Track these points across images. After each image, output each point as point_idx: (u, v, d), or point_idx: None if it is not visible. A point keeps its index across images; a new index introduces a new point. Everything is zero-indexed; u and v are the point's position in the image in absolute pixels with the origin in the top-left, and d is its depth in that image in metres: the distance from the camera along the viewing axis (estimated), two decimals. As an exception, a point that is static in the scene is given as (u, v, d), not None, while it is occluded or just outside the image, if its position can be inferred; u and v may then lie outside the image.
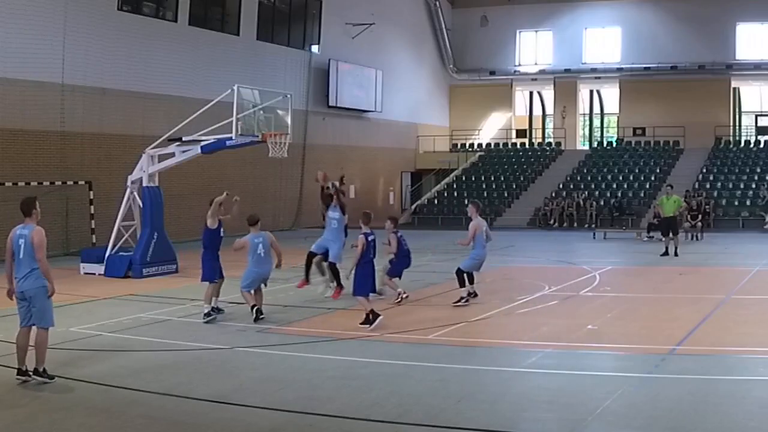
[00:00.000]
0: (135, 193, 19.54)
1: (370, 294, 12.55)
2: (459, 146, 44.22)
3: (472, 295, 14.21)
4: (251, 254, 12.75)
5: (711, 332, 11.57)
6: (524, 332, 12.12)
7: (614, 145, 41.39)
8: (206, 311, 12.79)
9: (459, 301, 13.91)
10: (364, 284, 12.16)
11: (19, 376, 8.96)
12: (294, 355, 10.55)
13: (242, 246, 12.85)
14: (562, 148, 41.96)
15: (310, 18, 35.06)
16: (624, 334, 11.53)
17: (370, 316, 11.96)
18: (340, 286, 14.44)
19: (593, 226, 31.72)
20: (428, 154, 43.25)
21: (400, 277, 14.72)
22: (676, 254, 21.60)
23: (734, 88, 40.50)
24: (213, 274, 13.06)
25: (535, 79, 43.66)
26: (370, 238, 12.27)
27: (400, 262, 14.62)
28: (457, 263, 14.55)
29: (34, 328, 9.13)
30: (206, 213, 13.41)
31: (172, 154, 19.34)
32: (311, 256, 15.03)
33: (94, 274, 18.93)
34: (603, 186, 36.59)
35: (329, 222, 14.88)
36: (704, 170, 36.38)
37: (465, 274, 14.11)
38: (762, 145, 38.33)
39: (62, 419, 7.86)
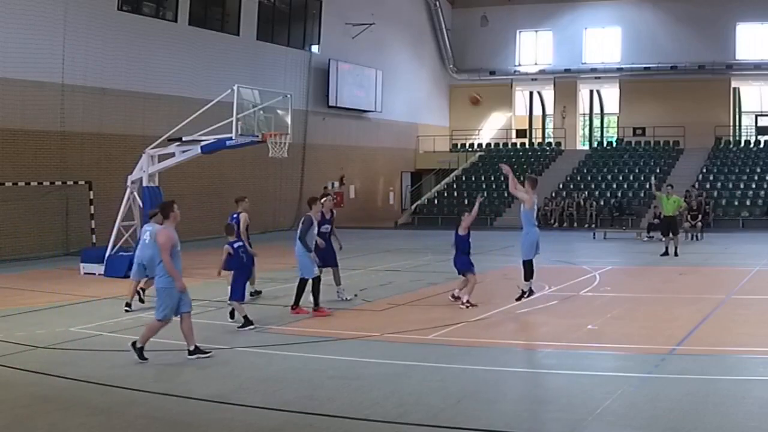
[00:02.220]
0: (135, 193, 19.53)
1: None
2: (459, 146, 44.21)
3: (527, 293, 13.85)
4: (139, 240, 13.73)
5: (711, 332, 11.56)
6: (524, 332, 12.12)
7: (614, 145, 41.37)
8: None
9: (521, 297, 13.67)
10: (237, 289, 12.57)
11: (189, 356, 10.20)
12: (294, 355, 10.55)
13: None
14: (562, 148, 41.94)
15: (310, 18, 35.06)
16: (624, 334, 11.51)
17: (248, 318, 12.30)
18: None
19: (593, 226, 31.70)
20: (428, 154, 43.25)
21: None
22: (676, 254, 21.60)
23: (734, 88, 40.49)
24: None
25: (535, 79, 43.64)
26: (236, 246, 12.72)
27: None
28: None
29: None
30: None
31: (172, 154, 19.35)
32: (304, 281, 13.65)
33: (94, 274, 18.90)
34: (603, 186, 36.57)
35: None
36: (704, 170, 36.37)
37: (529, 264, 13.78)
38: (762, 145, 38.32)
39: (62, 419, 7.86)
